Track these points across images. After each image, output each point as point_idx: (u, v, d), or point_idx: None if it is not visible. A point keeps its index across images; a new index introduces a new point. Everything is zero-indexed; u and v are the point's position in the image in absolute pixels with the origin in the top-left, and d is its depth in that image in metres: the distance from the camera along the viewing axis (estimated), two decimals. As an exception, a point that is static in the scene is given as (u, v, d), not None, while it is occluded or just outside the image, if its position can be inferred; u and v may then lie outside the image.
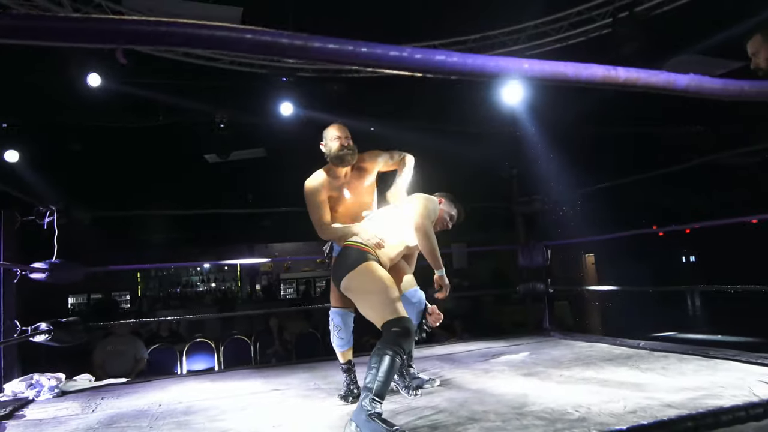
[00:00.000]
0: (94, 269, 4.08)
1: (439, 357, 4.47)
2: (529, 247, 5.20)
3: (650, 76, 1.08)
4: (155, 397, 3.60)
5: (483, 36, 6.07)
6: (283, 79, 5.79)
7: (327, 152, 3.18)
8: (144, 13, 5.36)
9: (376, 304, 2.76)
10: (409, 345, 2.68)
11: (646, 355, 3.91)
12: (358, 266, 2.86)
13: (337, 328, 3.23)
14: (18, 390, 3.73)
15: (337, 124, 3.23)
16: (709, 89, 1.12)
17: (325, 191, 3.16)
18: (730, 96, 1.15)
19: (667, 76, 1.07)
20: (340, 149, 3.11)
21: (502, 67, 1.09)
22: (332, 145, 3.14)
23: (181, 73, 5.84)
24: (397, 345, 2.61)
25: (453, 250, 14.94)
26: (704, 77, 1.10)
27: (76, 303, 14.26)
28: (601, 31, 5.66)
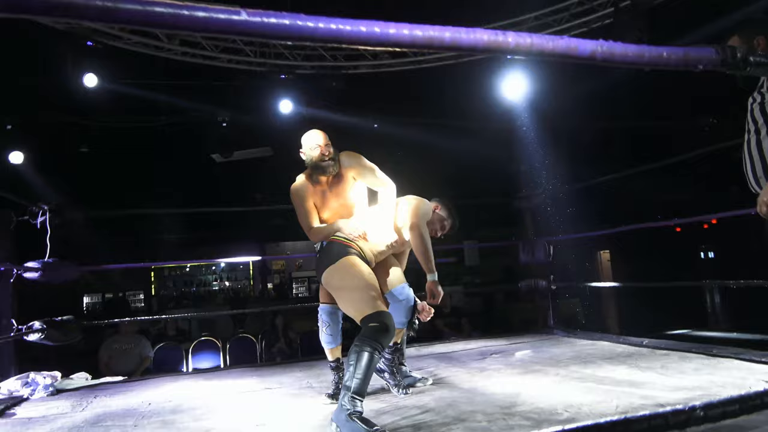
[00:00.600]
0: (89, 268, 4.09)
1: (438, 355, 4.40)
2: (530, 243, 5.10)
3: (546, 42, 1.00)
4: (148, 395, 3.59)
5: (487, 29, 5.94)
6: (282, 76, 5.76)
7: (307, 161, 3.08)
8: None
9: (355, 299, 2.71)
10: (388, 340, 2.62)
11: (647, 354, 3.81)
12: (338, 261, 2.81)
13: (325, 325, 3.18)
14: (14, 388, 3.74)
15: (315, 130, 3.10)
16: (621, 56, 1.04)
17: (310, 197, 3.10)
18: (648, 64, 1.06)
19: (567, 42, 0.99)
20: (321, 160, 3.01)
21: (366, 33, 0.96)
22: (312, 154, 3.02)
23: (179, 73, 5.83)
24: (374, 341, 2.55)
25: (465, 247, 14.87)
26: (616, 43, 1.02)
27: (90, 302, 14.44)
28: (603, 21, 5.53)
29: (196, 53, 5.63)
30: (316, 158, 3.01)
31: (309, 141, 3.05)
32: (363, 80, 6.20)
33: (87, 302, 14.31)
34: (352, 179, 3.18)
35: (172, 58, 5.50)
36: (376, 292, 2.74)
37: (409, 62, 6.17)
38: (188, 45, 5.56)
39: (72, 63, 4.76)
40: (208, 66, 5.71)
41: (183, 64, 5.60)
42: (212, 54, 5.68)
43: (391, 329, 2.64)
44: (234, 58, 5.78)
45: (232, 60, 5.77)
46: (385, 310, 2.68)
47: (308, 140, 3.06)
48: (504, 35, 0.94)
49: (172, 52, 5.49)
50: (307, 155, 3.06)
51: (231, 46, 5.77)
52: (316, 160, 3.01)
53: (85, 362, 6.50)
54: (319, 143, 3.01)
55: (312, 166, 3.05)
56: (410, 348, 4.80)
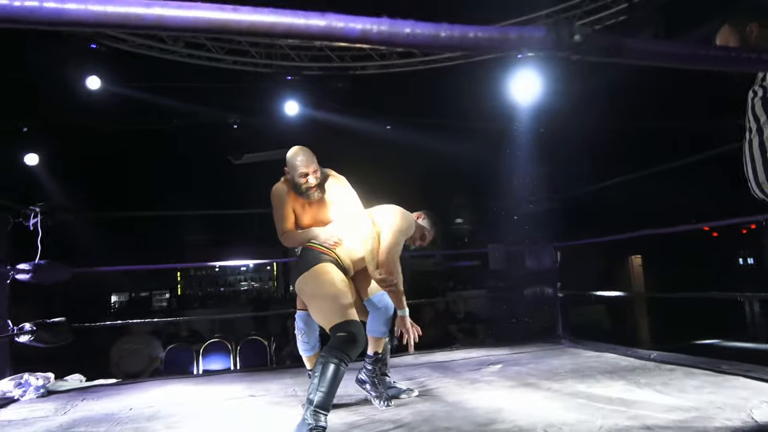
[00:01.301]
0: (81, 270, 4.10)
1: (433, 364, 4.26)
2: (537, 249, 4.91)
3: (298, 20, 0.85)
4: (132, 400, 3.56)
5: (496, 28, 5.79)
6: (288, 77, 5.71)
7: (290, 182, 2.92)
8: None
9: (324, 308, 2.62)
10: (355, 352, 2.51)
11: (652, 368, 3.60)
12: (312, 268, 2.72)
13: (300, 332, 3.10)
14: (6, 389, 3.76)
15: (302, 154, 2.88)
16: (406, 38, 0.89)
17: (290, 202, 2.98)
18: (446, 47, 0.91)
19: (330, 21, 0.85)
20: (305, 189, 2.87)
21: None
22: (297, 180, 2.86)
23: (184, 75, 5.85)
24: (341, 352, 2.45)
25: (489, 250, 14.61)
26: (401, 21, 0.88)
27: (118, 300, 14.74)
28: (618, 18, 5.29)
29: (201, 55, 5.64)
30: (299, 186, 2.87)
31: (294, 165, 2.87)
32: (370, 81, 6.11)
33: (114, 300, 14.64)
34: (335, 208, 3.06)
35: (176, 60, 5.51)
36: (348, 301, 2.63)
37: (418, 62, 6.04)
38: (193, 47, 5.57)
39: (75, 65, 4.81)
40: (213, 68, 5.70)
41: (187, 66, 5.61)
42: (218, 56, 5.67)
43: (360, 340, 2.53)
44: (240, 59, 5.76)
45: (238, 62, 5.76)
46: (354, 320, 2.57)
47: (294, 164, 2.87)
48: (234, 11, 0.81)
49: (176, 54, 5.50)
50: (291, 177, 2.90)
51: (236, 48, 5.76)
52: (300, 187, 2.88)
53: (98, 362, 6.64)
54: (303, 171, 2.84)
55: (294, 189, 2.92)
56: (408, 356, 4.68)
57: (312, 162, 2.87)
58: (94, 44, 4.85)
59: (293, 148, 2.93)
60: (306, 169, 2.85)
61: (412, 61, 6.02)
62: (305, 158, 2.86)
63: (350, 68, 6.02)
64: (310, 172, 2.86)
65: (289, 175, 2.92)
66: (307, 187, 2.87)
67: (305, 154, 2.88)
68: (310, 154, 2.89)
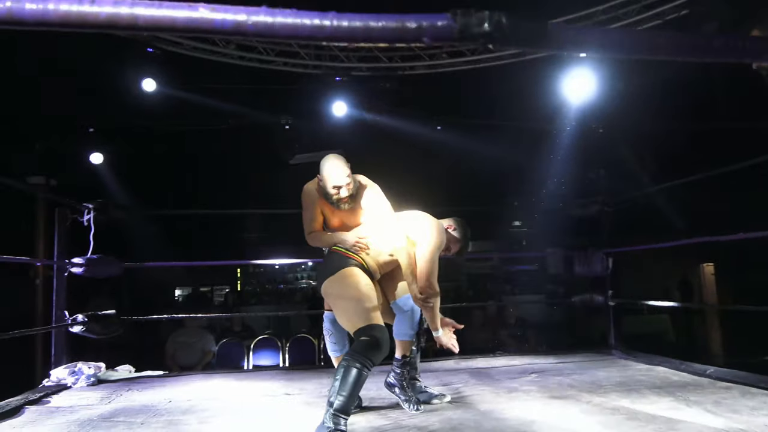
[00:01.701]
0: (132, 264, 4.27)
1: (473, 370, 4.16)
2: (586, 255, 4.70)
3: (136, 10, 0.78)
4: (174, 392, 3.66)
5: (547, 25, 5.59)
6: (337, 78, 5.75)
7: (322, 190, 2.87)
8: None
9: (349, 311, 2.60)
10: (379, 356, 2.47)
11: (705, 385, 3.36)
12: (338, 272, 2.71)
13: (328, 333, 3.08)
14: (61, 376, 3.96)
15: (336, 165, 2.80)
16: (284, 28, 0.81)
17: (318, 206, 2.96)
18: (330, 38, 0.83)
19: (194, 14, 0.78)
20: (335, 200, 2.84)
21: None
22: (329, 191, 2.82)
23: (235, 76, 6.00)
24: (364, 356, 2.42)
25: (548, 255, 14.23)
26: (280, 11, 0.80)
27: (182, 294, 15.35)
28: (679, 12, 4.99)
29: (252, 57, 5.76)
30: (329, 196, 2.84)
31: (327, 177, 2.81)
32: (418, 81, 6.05)
33: (178, 294, 15.27)
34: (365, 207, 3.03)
35: (228, 62, 5.66)
36: (372, 305, 2.60)
37: (467, 62, 5.93)
38: (244, 49, 5.70)
39: (133, 68, 5.03)
40: (264, 70, 5.81)
41: (238, 68, 5.75)
42: (268, 58, 5.78)
43: (383, 345, 2.49)
44: (290, 61, 5.85)
45: (288, 63, 5.84)
46: (378, 324, 2.54)
47: (327, 175, 2.81)
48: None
49: (228, 57, 5.65)
50: (323, 187, 2.85)
51: (287, 50, 5.85)
52: (330, 198, 2.85)
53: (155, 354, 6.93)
54: (335, 185, 2.80)
55: (322, 193, 2.89)
56: (449, 361, 4.59)
57: (345, 175, 2.82)
58: (151, 48, 5.04)
59: (328, 158, 2.87)
60: (339, 182, 2.81)
61: (460, 60, 5.92)
62: (339, 171, 2.81)
63: (399, 68, 5.99)
64: (342, 186, 2.82)
65: (321, 182, 2.87)
66: (337, 199, 2.85)
67: (339, 166, 2.81)
68: (344, 166, 2.83)
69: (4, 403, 3.23)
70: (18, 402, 3.30)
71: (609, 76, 5.87)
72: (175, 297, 14.90)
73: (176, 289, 15.02)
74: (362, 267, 2.78)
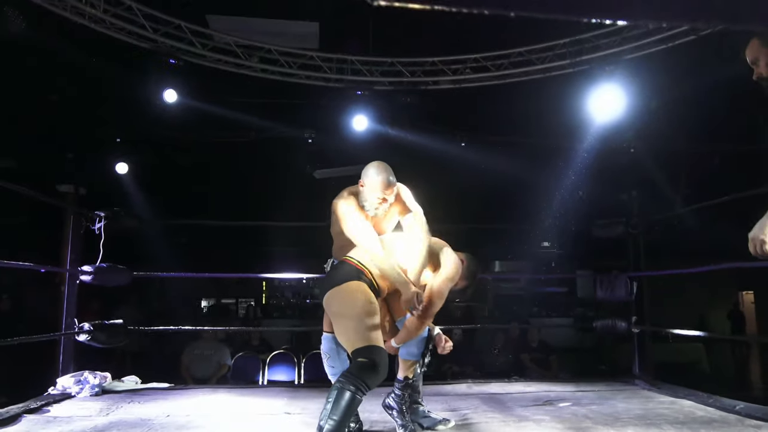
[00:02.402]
0: (142, 274, 4.24)
1: (485, 396, 3.97)
2: (609, 278, 4.48)
3: None
4: (174, 406, 3.59)
5: (574, 40, 5.45)
6: (358, 93, 5.69)
7: (364, 198, 2.76)
8: (230, 34, 5.60)
9: (349, 329, 2.48)
10: (375, 380, 2.34)
11: (733, 422, 3.11)
12: (342, 284, 2.58)
13: (325, 356, 2.92)
14: (67, 385, 3.94)
15: (385, 172, 2.71)
16: None
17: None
18: None
19: None
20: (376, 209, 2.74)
21: None
22: (373, 200, 2.72)
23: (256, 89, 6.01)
24: (359, 379, 2.29)
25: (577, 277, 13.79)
26: None
27: (207, 305, 15.45)
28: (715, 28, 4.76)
29: (274, 70, 5.75)
30: (373, 205, 2.74)
31: (374, 185, 2.71)
32: (441, 96, 5.95)
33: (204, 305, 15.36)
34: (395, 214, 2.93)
35: (250, 75, 5.66)
36: (373, 324, 2.48)
37: (492, 77, 5.81)
38: (267, 62, 5.70)
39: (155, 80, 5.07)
40: (285, 83, 5.80)
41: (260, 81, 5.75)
42: (290, 71, 5.76)
43: (381, 369, 2.36)
44: (312, 74, 5.82)
45: (311, 77, 5.81)
46: (377, 346, 2.41)
47: (373, 181, 2.71)
48: None
49: (251, 69, 5.65)
50: (366, 195, 2.74)
51: (309, 63, 5.82)
52: (371, 208, 2.75)
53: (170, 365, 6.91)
54: (383, 196, 2.71)
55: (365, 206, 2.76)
56: (461, 384, 4.41)
57: (394, 186, 2.74)
58: (173, 59, 5.07)
59: (378, 166, 2.75)
60: (389, 194, 2.73)
61: (486, 76, 5.80)
62: (390, 181, 2.71)
63: (421, 83, 5.90)
64: (389, 197, 2.74)
65: (364, 188, 2.76)
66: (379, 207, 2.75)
67: (389, 177, 2.72)
68: (393, 175, 2.75)
69: (4, 411, 3.21)
70: (17, 410, 3.27)
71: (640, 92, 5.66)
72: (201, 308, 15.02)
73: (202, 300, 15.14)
74: (370, 283, 2.65)
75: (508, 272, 14.39)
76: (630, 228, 4.37)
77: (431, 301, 2.70)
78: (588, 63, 5.39)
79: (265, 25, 5.59)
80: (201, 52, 5.38)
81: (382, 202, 2.74)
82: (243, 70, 5.63)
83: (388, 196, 2.74)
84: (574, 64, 5.43)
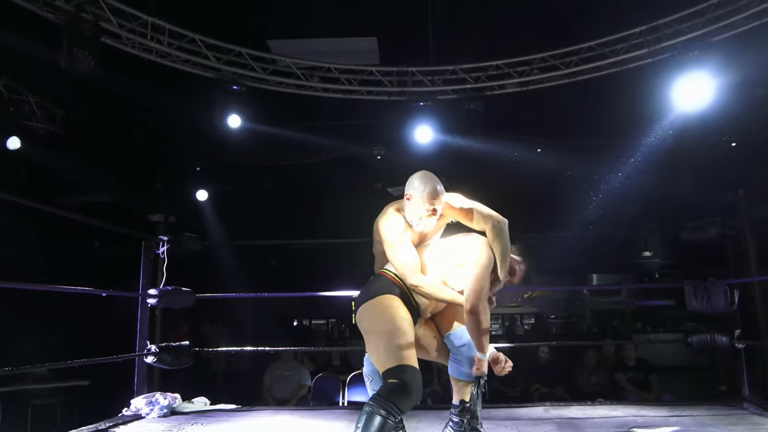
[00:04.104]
0: (204, 296, 4.30)
1: (562, 421, 3.59)
2: (705, 287, 3.95)
3: None
4: (235, 428, 3.55)
5: (651, 27, 4.97)
6: (420, 104, 5.55)
7: (411, 211, 2.56)
8: (291, 56, 5.69)
9: (380, 347, 2.31)
10: (407, 404, 2.14)
11: None
12: (375, 298, 2.41)
13: (368, 378, 2.67)
14: (140, 406, 4.04)
15: (435, 183, 2.55)
16: None
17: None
18: None
19: None
20: (426, 219, 2.55)
21: None
22: (422, 212, 2.53)
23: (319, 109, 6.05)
24: (389, 402, 2.11)
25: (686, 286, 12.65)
26: None
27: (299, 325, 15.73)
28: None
29: (336, 88, 5.76)
30: (423, 217, 2.55)
31: (421, 194, 2.53)
32: (507, 101, 5.66)
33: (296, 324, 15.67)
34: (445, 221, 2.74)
35: (313, 95, 5.70)
36: (406, 342, 2.29)
37: (562, 76, 5.44)
38: (328, 81, 5.72)
39: (220, 107, 5.22)
40: (348, 101, 5.79)
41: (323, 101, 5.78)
42: (351, 87, 5.74)
43: (413, 390, 2.16)
44: (374, 89, 5.76)
45: (372, 92, 5.76)
46: (410, 366, 2.22)
47: (420, 192, 2.53)
48: None
49: (312, 90, 5.69)
50: (414, 208, 2.55)
51: (369, 79, 5.77)
52: (421, 220, 2.56)
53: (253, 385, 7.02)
54: (435, 203, 2.53)
55: (413, 220, 2.57)
56: (537, 407, 4.05)
57: (442, 195, 2.57)
58: (236, 86, 5.21)
59: (424, 175, 2.59)
60: (438, 204, 2.55)
61: (555, 75, 5.44)
62: (438, 191, 2.54)
63: (486, 89, 5.65)
64: (438, 207, 2.56)
65: (410, 201, 2.57)
66: (429, 218, 2.56)
67: (436, 185, 2.54)
68: (440, 184, 2.58)
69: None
70: (86, 431, 3.36)
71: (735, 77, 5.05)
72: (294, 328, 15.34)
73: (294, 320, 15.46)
74: (406, 298, 2.46)
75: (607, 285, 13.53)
76: (726, 229, 3.84)
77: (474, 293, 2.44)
78: (669, 50, 4.90)
79: (324, 44, 5.63)
80: (262, 77, 5.50)
81: (431, 214, 2.55)
82: (305, 90, 5.70)
83: (438, 206, 2.55)
84: (654, 53, 4.95)
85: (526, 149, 6.51)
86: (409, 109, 5.68)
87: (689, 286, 4.10)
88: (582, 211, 8.05)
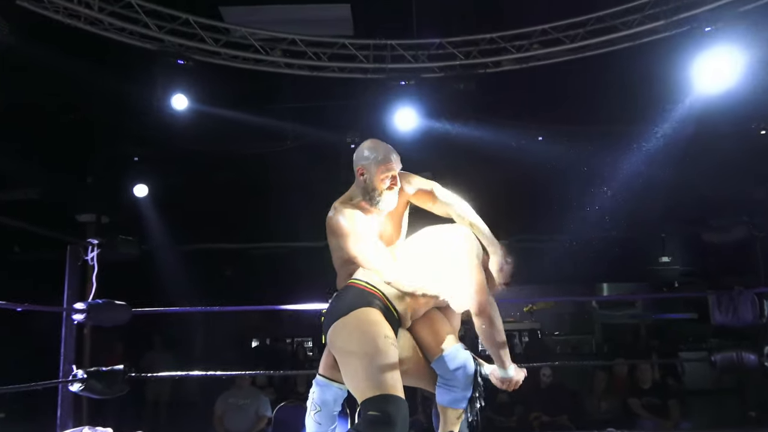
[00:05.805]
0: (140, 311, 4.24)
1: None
2: (731, 297, 4.04)
3: None
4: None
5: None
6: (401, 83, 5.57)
7: (364, 186, 2.60)
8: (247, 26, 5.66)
9: (358, 372, 2.30)
10: None
11: None
12: (350, 313, 2.39)
13: (314, 408, 2.64)
14: (64, 442, 3.98)
15: (387, 147, 2.64)
16: None
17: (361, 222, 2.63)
18: None
19: None
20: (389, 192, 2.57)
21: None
22: (378, 185, 2.56)
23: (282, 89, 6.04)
24: (367, 438, 2.09)
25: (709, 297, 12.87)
26: None
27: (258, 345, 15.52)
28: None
29: (301, 64, 5.76)
30: (380, 188, 2.57)
31: (377, 162, 2.58)
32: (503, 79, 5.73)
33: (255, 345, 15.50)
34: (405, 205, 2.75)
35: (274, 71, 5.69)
36: (389, 364, 2.28)
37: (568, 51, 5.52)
38: (292, 55, 5.71)
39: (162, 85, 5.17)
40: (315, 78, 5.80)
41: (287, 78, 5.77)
42: (320, 63, 5.75)
43: (398, 424, 2.16)
44: (347, 65, 5.77)
45: (345, 69, 5.77)
46: (394, 396, 2.21)
47: (376, 161, 2.58)
48: None
49: (274, 65, 5.68)
50: (368, 181, 2.58)
51: (341, 53, 5.79)
52: (380, 191, 2.57)
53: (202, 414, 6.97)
54: (392, 172, 2.57)
55: (370, 196, 2.59)
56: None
57: (399, 161, 2.63)
58: (182, 60, 5.17)
59: (372, 142, 2.68)
60: (395, 170, 2.59)
61: (559, 50, 5.52)
62: (394, 157, 2.62)
63: (479, 66, 5.70)
64: (397, 174, 2.60)
65: (364, 176, 2.59)
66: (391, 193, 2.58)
67: (392, 150, 2.64)
68: (393, 150, 2.66)
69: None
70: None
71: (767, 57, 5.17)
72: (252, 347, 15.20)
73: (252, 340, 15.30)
74: (386, 310, 2.45)
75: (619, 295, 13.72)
76: (755, 230, 3.93)
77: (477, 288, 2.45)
78: (689, 22, 5.00)
79: (288, 12, 5.62)
80: (214, 49, 5.47)
81: (392, 184, 2.57)
82: (264, 66, 5.70)
83: (396, 171, 2.59)
84: (671, 25, 5.04)
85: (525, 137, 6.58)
86: (387, 89, 5.71)
87: (713, 297, 4.20)
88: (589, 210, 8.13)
